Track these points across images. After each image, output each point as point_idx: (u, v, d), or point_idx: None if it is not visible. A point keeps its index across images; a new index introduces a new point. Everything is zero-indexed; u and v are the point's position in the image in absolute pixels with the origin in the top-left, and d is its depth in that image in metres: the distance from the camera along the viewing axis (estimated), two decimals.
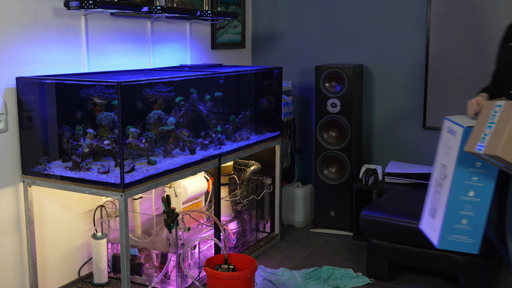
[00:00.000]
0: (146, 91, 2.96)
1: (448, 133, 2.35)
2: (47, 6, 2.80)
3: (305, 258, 3.58)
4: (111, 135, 2.80)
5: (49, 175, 2.71)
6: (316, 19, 4.38)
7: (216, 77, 3.51)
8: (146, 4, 3.29)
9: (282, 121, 3.94)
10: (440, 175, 2.36)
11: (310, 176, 4.50)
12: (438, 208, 2.34)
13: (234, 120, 3.56)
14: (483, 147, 2.03)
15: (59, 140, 2.82)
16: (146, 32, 3.45)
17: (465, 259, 2.99)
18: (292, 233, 4.07)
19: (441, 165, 2.38)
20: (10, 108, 2.68)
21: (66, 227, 2.99)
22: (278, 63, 4.45)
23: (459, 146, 2.20)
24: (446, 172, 2.30)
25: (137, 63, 3.40)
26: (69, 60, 2.95)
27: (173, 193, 3.12)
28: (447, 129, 2.37)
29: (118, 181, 2.56)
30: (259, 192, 3.77)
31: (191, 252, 3.11)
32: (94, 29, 3.07)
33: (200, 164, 3.04)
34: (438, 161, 2.42)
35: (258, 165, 3.70)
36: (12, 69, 2.67)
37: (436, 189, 2.38)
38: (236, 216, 3.58)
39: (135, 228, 3.14)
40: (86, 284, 3.04)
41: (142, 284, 3.02)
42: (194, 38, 3.94)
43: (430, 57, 3.96)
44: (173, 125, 3.02)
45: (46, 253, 2.90)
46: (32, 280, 2.82)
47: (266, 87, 3.89)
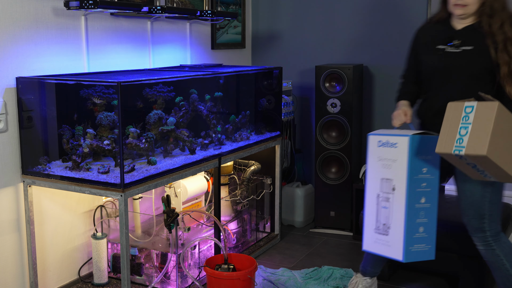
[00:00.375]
0: (146, 91, 2.96)
1: (383, 147, 2.38)
2: (47, 6, 2.80)
3: (305, 258, 3.58)
4: (111, 135, 2.80)
5: (49, 175, 2.71)
6: (316, 19, 4.38)
7: (216, 77, 3.51)
8: (146, 4, 3.29)
9: (282, 121, 3.94)
10: (385, 190, 2.38)
11: (310, 176, 4.50)
12: (391, 223, 2.36)
13: (234, 120, 3.56)
14: (463, 148, 2.07)
15: (59, 140, 2.82)
16: (146, 32, 3.45)
17: (465, 259, 2.99)
18: (292, 233, 4.07)
19: (381, 180, 2.40)
20: (10, 108, 2.68)
21: (66, 227, 2.99)
22: (278, 63, 4.45)
23: (408, 156, 2.26)
24: (394, 185, 2.33)
25: (137, 63, 3.40)
26: (69, 60, 2.95)
27: (173, 193, 3.12)
28: (378, 144, 2.41)
29: (118, 181, 2.56)
30: (259, 192, 3.77)
31: (191, 252, 3.11)
32: (94, 29, 3.07)
33: (200, 164, 3.04)
34: (374, 177, 2.43)
35: (258, 165, 3.70)
36: (12, 69, 2.67)
37: (382, 204, 2.40)
38: (236, 216, 3.58)
39: (135, 228, 3.14)
40: (86, 284, 3.04)
41: (142, 284, 3.02)
42: (194, 38, 3.94)
43: None
44: (173, 125, 3.02)
45: (46, 253, 2.90)
46: (32, 280, 2.82)
47: (266, 87, 3.89)
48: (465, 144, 2.07)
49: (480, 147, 2.03)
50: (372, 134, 2.46)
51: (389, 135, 2.37)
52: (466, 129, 2.09)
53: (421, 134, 2.34)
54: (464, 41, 2.39)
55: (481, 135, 2.04)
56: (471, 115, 2.10)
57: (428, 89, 2.54)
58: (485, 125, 2.05)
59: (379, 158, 2.41)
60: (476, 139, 2.05)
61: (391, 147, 2.35)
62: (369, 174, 2.46)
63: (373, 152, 2.44)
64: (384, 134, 2.41)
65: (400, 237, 2.33)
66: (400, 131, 2.42)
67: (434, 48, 2.47)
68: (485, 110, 2.08)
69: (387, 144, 2.37)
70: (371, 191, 2.45)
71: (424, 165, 2.32)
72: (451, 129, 2.14)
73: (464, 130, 2.10)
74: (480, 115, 2.08)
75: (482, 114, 2.08)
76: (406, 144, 2.28)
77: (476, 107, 2.10)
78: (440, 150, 2.17)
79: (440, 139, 2.17)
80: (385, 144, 2.38)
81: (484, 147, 2.02)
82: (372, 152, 2.44)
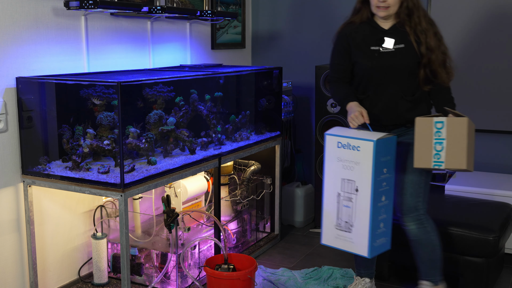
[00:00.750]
0: (146, 91, 2.96)
1: (343, 148, 2.44)
2: (47, 6, 2.80)
3: (305, 258, 3.58)
4: (111, 135, 2.80)
5: (49, 175, 2.71)
6: (316, 19, 4.38)
7: (216, 77, 3.51)
8: (146, 4, 3.29)
9: (282, 121, 3.94)
10: (347, 190, 2.45)
11: (310, 176, 4.50)
12: (353, 221, 2.46)
13: (234, 120, 3.56)
14: (443, 163, 2.33)
15: (59, 140, 2.82)
16: (146, 32, 3.45)
17: (465, 259, 2.99)
18: (292, 233, 4.07)
19: (342, 180, 2.47)
20: (10, 108, 2.68)
21: (66, 227, 2.99)
22: (278, 63, 4.45)
23: (373, 160, 2.34)
24: (357, 186, 2.41)
25: (137, 63, 3.40)
26: (69, 60, 2.95)
27: (173, 193, 3.12)
28: (337, 145, 2.46)
29: (118, 181, 2.56)
30: (259, 192, 3.77)
31: (191, 252, 3.11)
32: (94, 29, 3.07)
33: (200, 164, 3.04)
34: (334, 176, 2.49)
35: (258, 165, 3.70)
36: (12, 69, 2.67)
37: (344, 203, 2.48)
38: (236, 216, 3.58)
39: (135, 228, 3.14)
40: (86, 284, 3.04)
41: (142, 284, 3.02)
42: (194, 38, 3.94)
43: None
44: (173, 125, 3.02)
45: (46, 253, 2.90)
46: (32, 280, 2.82)
47: (266, 87, 3.89)
48: (444, 159, 2.32)
49: (459, 162, 2.31)
50: (329, 134, 2.50)
51: (350, 138, 2.43)
52: (441, 144, 2.32)
53: (383, 137, 2.39)
54: (395, 40, 2.52)
55: (458, 151, 2.30)
56: (443, 131, 2.32)
57: (367, 89, 2.61)
58: (459, 141, 2.29)
59: (338, 159, 2.46)
60: (453, 154, 2.30)
61: (353, 149, 2.41)
62: (327, 172, 2.51)
63: (331, 152, 2.48)
64: (343, 135, 2.45)
65: (365, 235, 2.43)
66: (358, 132, 2.46)
67: (368, 49, 2.55)
68: (456, 125, 2.31)
69: (348, 146, 2.42)
70: (330, 189, 2.52)
71: (384, 166, 2.41)
72: (426, 144, 2.34)
73: (440, 146, 2.33)
74: (452, 131, 2.30)
75: (454, 129, 2.30)
76: (371, 149, 2.35)
77: (446, 123, 2.32)
78: (420, 165, 2.39)
79: (417, 155, 2.38)
80: (346, 146, 2.43)
81: (463, 161, 2.29)
82: (330, 151, 2.49)
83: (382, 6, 2.46)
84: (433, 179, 3.77)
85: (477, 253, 2.94)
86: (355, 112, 2.48)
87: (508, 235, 3.18)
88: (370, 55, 2.55)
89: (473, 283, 2.98)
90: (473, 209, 3.19)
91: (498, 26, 3.75)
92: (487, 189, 3.48)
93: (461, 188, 3.54)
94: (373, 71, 2.55)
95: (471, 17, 3.82)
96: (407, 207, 2.61)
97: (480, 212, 3.15)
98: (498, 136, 3.87)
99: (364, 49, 2.56)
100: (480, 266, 2.96)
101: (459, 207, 3.24)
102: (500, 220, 3.05)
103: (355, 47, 2.58)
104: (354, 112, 2.48)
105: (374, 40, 2.55)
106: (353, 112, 2.49)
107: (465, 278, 3.00)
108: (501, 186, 3.52)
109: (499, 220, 3.05)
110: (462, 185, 3.56)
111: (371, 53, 2.54)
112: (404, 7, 2.49)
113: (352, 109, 2.51)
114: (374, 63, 2.54)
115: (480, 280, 2.97)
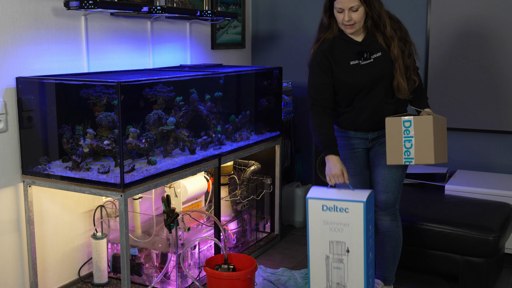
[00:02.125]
0: (146, 91, 2.96)
1: (329, 211, 2.45)
2: (47, 6, 2.80)
3: (305, 258, 3.58)
4: (111, 135, 2.80)
5: (49, 175, 2.71)
6: (316, 19, 4.36)
7: (216, 77, 3.51)
8: (146, 4, 3.29)
9: (282, 121, 3.94)
10: (337, 252, 2.47)
11: (310, 176, 4.50)
12: (346, 282, 2.48)
13: (234, 120, 3.56)
14: (413, 159, 2.45)
15: (59, 140, 2.82)
16: (146, 32, 3.45)
17: (465, 259, 2.99)
18: (292, 233, 4.07)
19: (331, 242, 2.48)
20: (10, 108, 2.68)
21: (66, 227, 2.99)
22: (278, 63, 4.45)
23: (364, 221, 2.38)
24: (347, 247, 2.44)
25: (137, 63, 3.40)
26: (69, 60, 2.95)
27: (173, 193, 3.12)
28: (322, 208, 2.46)
29: (118, 181, 2.56)
30: (259, 192, 3.77)
31: (191, 252, 3.11)
32: (94, 29, 3.07)
33: (200, 164, 3.04)
34: (321, 239, 2.49)
35: (258, 165, 3.70)
36: (12, 69, 2.67)
37: (334, 265, 2.49)
38: (236, 216, 3.58)
39: (135, 228, 3.14)
40: (86, 284, 3.04)
41: (142, 284, 3.02)
42: (194, 38, 3.94)
43: (430, 58, 3.96)
44: (173, 125, 3.02)
45: (46, 253, 2.90)
46: (32, 280, 2.82)
47: (266, 87, 3.89)
48: (413, 155, 2.45)
49: (428, 158, 2.43)
50: (312, 197, 2.48)
51: (335, 200, 2.43)
52: (410, 142, 2.44)
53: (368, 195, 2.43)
54: (371, 50, 2.54)
55: (425, 147, 2.42)
56: (411, 129, 2.43)
57: (352, 102, 2.61)
58: (426, 138, 2.41)
59: (325, 222, 2.47)
60: (421, 150, 2.43)
61: (341, 211, 2.43)
62: (312, 236, 2.50)
63: (316, 215, 2.48)
64: (327, 198, 2.45)
65: None
66: (340, 192, 2.48)
67: (348, 65, 2.55)
68: (423, 123, 2.42)
69: (335, 209, 2.44)
70: (317, 252, 2.51)
71: (370, 223, 2.46)
72: (396, 143, 2.46)
73: (409, 143, 2.44)
74: (419, 128, 2.42)
75: (421, 127, 2.42)
76: (361, 209, 2.39)
77: (413, 122, 2.43)
78: (392, 163, 2.50)
79: (389, 153, 2.49)
80: (332, 208, 2.44)
81: (431, 157, 2.42)
82: (315, 215, 2.48)
83: (348, 24, 2.49)
84: (433, 179, 3.77)
85: (477, 253, 2.94)
86: (337, 171, 2.48)
87: (508, 235, 3.18)
88: (351, 71, 2.55)
89: (473, 283, 2.98)
90: (473, 209, 3.19)
91: (499, 26, 3.75)
92: (487, 189, 3.48)
93: (461, 188, 3.54)
94: (357, 85, 2.56)
95: (472, 18, 3.82)
96: (387, 203, 2.70)
97: (480, 212, 3.15)
98: (498, 136, 3.87)
99: (344, 65, 2.55)
100: (480, 266, 2.96)
101: (459, 207, 3.24)
102: (500, 220, 3.05)
103: (335, 63, 2.56)
104: (336, 170, 2.48)
105: (351, 55, 2.55)
106: (334, 170, 2.49)
107: (465, 278, 3.00)
108: (501, 186, 3.52)
109: (499, 220, 3.05)
110: (462, 185, 3.56)
111: (352, 68, 2.55)
112: (369, 18, 2.51)
113: (334, 165, 2.49)
114: (358, 77, 2.54)
115: (480, 280, 2.97)
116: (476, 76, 3.85)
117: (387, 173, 2.66)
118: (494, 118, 3.83)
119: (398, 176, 2.68)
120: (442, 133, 2.51)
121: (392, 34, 2.52)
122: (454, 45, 3.88)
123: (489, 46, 3.79)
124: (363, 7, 2.44)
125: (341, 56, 2.56)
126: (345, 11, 2.45)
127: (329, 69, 2.56)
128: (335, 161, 2.50)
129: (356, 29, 2.52)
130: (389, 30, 2.52)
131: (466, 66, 3.87)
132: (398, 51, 2.51)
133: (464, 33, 3.84)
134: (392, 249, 2.76)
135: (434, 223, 3.05)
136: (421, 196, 3.49)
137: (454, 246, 2.99)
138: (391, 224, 2.73)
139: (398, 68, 2.52)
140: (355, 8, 2.43)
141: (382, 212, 2.72)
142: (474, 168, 3.96)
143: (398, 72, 2.52)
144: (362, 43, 2.56)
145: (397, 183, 2.68)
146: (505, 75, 3.77)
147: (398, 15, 2.59)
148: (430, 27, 3.94)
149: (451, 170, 3.99)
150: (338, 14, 2.49)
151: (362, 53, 2.54)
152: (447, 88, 3.94)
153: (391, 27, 2.53)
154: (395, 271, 2.84)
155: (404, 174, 2.71)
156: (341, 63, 2.55)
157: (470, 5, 3.80)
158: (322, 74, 2.57)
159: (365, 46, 2.55)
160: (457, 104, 3.93)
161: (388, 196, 2.69)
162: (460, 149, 3.98)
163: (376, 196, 2.70)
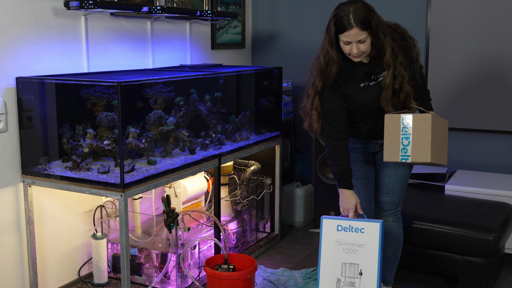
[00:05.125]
0: (146, 91, 2.96)
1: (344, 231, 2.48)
2: (47, 6, 2.80)
3: (305, 258, 3.58)
4: (111, 135, 2.80)
5: (49, 175, 2.71)
6: (316, 19, 4.38)
7: (216, 77, 3.51)
8: (146, 4, 3.29)
9: (282, 121, 3.94)
10: (349, 274, 2.47)
11: (310, 176, 4.50)
12: None
13: (234, 120, 3.56)
14: (409, 157, 2.40)
15: (59, 140, 2.82)
16: (146, 32, 3.45)
17: (465, 259, 2.99)
18: (292, 233, 4.07)
19: (343, 265, 2.48)
20: (10, 108, 2.68)
21: (66, 227, 2.99)
22: (278, 63, 4.45)
23: (379, 240, 2.41)
24: (360, 269, 2.45)
25: (137, 63, 3.40)
26: (69, 60, 2.95)
27: (173, 193, 3.12)
28: (337, 228, 2.50)
29: (118, 181, 2.56)
30: (259, 192, 3.77)
31: (191, 252, 3.11)
32: (94, 29, 3.07)
33: (200, 164, 3.04)
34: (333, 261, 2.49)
35: (258, 165, 3.70)
36: (12, 69, 2.67)
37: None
38: (236, 216, 3.58)
39: (135, 228, 3.14)
40: (86, 284, 3.04)
41: (142, 284, 3.02)
42: (194, 38, 3.94)
43: (430, 58, 3.96)
44: (173, 125, 3.02)
45: (46, 253, 2.90)
46: (32, 280, 2.82)
47: (266, 87, 3.89)
48: (410, 153, 2.40)
49: (424, 156, 2.38)
50: (327, 217, 2.54)
51: (351, 220, 2.49)
52: (408, 139, 2.40)
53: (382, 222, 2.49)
54: (378, 71, 2.54)
55: (423, 146, 2.38)
56: (409, 126, 2.40)
57: (365, 118, 2.62)
58: (424, 136, 2.37)
59: (338, 243, 2.49)
60: (418, 148, 2.38)
61: (356, 232, 2.46)
62: (325, 258, 2.50)
63: (330, 235, 2.50)
64: (343, 218, 2.51)
65: None
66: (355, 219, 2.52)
67: (358, 87, 2.55)
68: (421, 121, 2.39)
69: (350, 229, 2.47)
70: (328, 275, 2.51)
71: (382, 246, 2.48)
72: (394, 139, 2.43)
73: (406, 141, 2.41)
74: (418, 126, 2.38)
75: (419, 125, 2.38)
76: (378, 229, 2.42)
77: (412, 119, 2.40)
78: (388, 159, 2.45)
79: (386, 149, 2.45)
80: (347, 228, 2.48)
81: (428, 155, 2.37)
82: (328, 235, 2.51)
83: (357, 56, 2.46)
84: (433, 179, 3.77)
85: (477, 253, 2.94)
86: (351, 206, 2.54)
87: (508, 235, 3.18)
88: (363, 92, 2.55)
89: (473, 283, 2.98)
90: (473, 209, 3.19)
91: (500, 25, 3.75)
92: (487, 189, 3.48)
93: (461, 188, 3.54)
94: (369, 104, 2.56)
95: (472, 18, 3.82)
96: (391, 204, 2.72)
97: (480, 212, 3.15)
98: (498, 136, 3.87)
99: (355, 88, 2.55)
100: (480, 266, 2.96)
101: (459, 207, 3.24)
102: (500, 220, 3.05)
103: (346, 87, 2.56)
104: (349, 205, 2.55)
105: (360, 77, 2.54)
106: (347, 205, 2.55)
107: (465, 278, 3.00)
108: (501, 186, 3.52)
109: (499, 220, 3.05)
110: (462, 185, 3.56)
111: (363, 89, 2.55)
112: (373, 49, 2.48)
113: (348, 200, 2.56)
114: (368, 98, 2.54)
115: (480, 280, 2.97)
116: (476, 76, 3.85)
117: (393, 175, 2.68)
118: (494, 118, 3.83)
119: (404, 179, 2.69)
120: (442, 135, 2.50)
121: (390, 62, 2.47)
122: (454, 45, 3.89)
123: (489, 46, 3.79)
124: (370, 37, 2.41)
125: (350, 79, 2.55)
126: (352, 44, 2.42)
127: (341, 94, 2.56)
128: (349, 195, 2.56)
129: (363, 57, 2.50)
130: (387, 58, 2.47)
131: (466, 66, 3.86)
132: (390, 81, 2.48)
133: (464, 33, 3.85)
134: (393, 250, 2.77)
135: (434, 223, 3.05)
136: (421, 196, 3.49)
137: (454, 246, 2.99)
138: (393, 225, 2.74)
139: (385, 97, 2.49)
140: (363, 40, 2.40)
141: (384, 212, 2.73)
142: (474, 168, 3.96)
143: (384, 101, 2.49)
144: (369, 64, 2.54)
145: (402, 185, 2.70)
146: (505, 75, 3.77)
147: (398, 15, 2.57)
148: (430, 27, 3.94)
149: (451, 170, 3.99)
150: (344, 46, 2.45)
151: (370, 74, 2.53)
152: (447, 88, 3.94)
153: (390, 54, 2.47)
154: (394, 272, 2.84)
155: (409, 177, 2.72)
156: (352, 86, 2.55)
157: (470, 5, 3.80)
158: (336, 99, 2.56)
159: (373, 67, 2.54)
160: (457, 104, 3.93)
161: (392, 198, 2.71)
162: (460, 149, 3.98)
163: (380, 197, 2.72)
